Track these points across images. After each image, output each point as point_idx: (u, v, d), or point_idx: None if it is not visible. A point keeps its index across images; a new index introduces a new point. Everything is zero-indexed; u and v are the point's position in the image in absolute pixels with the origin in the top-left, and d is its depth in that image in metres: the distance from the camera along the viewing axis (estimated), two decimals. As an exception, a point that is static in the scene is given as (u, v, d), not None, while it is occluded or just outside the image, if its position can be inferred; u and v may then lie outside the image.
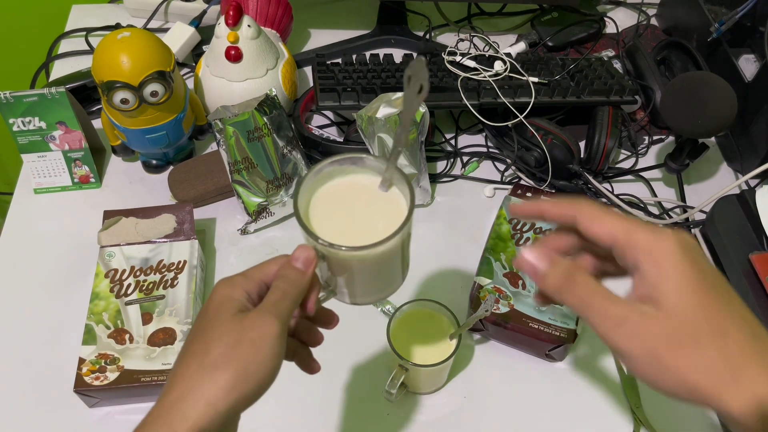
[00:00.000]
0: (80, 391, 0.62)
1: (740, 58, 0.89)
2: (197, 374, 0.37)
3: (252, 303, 0.40)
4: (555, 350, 0.67)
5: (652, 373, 0.35)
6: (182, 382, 0.37)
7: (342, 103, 0.83)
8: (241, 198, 0.78)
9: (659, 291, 0.35)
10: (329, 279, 0.45)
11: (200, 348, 0.38)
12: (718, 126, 0.74)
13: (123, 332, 0.65)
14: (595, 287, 0.37)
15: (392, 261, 0.44)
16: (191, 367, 0.38)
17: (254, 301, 0.41)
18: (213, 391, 0.36)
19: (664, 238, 0.36)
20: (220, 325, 0.38)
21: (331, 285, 0.46)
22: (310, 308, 0.43)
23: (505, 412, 0.66)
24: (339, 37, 1.04)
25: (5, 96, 0.76)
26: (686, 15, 0.99)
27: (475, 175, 0.87)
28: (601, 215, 0.38)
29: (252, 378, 0.37)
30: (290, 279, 0.41)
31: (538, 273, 0.39)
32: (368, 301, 0.48)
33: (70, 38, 1.02)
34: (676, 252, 0.35)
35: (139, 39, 0.73)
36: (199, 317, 0.40)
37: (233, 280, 0.41)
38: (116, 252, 0.71)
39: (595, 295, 0.37)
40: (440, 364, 0.60)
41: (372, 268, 0.43)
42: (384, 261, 0.43)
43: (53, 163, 0.82)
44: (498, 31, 1.08)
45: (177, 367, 0.38)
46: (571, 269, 0.38)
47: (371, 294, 0.48)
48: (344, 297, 0.47)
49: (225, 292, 0.40)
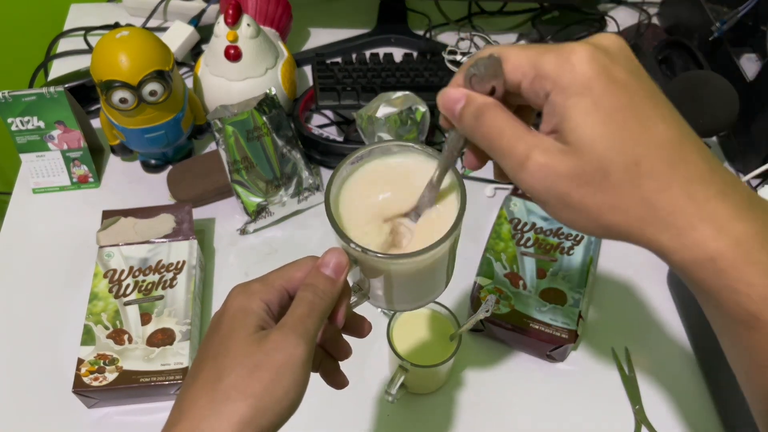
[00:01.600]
0: (79, 392, 0.62)
1: (742, 58, 0.89)
2: (208, 406, 0.32)
3: (272, 316, 0.35)
4: (556, 351, 0.66)
5: (564, 215, 0.31)
6: (191, 413, 0.32)
7: (342, 102, 0.83)
8: (240, 198, 0.77)
9: (565, 121, 0.30)
10: (361, 282, 0.39)
11: (212, 374, 0.33)
12: (719, 125, 0.74)
13: (122, 333, 0.65)
14: (503, 123, 0.31)
15: (437, 268, 0.39)
16: (201, 396, 0.33)
17: (274, 313, 0.35)
18: (225, 427, 0.31)
19: (571, 55, 0.30)
20: (236, 346, 0.33)
21: (363, 288, 0.40)
22: (339, 320, 0.37)
23: (505, 412, 0.66)
24: (339, 36, 1.03)
25: (3, 95, 0.75)
26: (688, 14, 0.99)
27: (475, 175, 0.87)
28: (506, 51, 0.32)
29: (271, 411, 0.32)
30: (319, 289, 0.35)
31: (455, 113, 0.33)
32: (407, 308, 0.44)
33: (68, 37, 1.02)
34: (585, 69, 0.29)
35: (138, 38, 0.73)
36: (210, 333, 0.35)
37: (250, 288, 0.35)
38: (115, 252, 0.71)
39: (502, 133, 0.31)
40: (440, 364, 0.60)
41: (414, 275, 0.38)
42: (428, 268, 0.38)
43: (52, 163, 0.82)
44: (499, 31, 1.07)
45: (185, 395, 0.33)
46: (482, 105, 0.32)
47: (411, 301, 0.42)
48: (380, 302, 0.41)
49: (241, 303, 0.35)
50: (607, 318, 0.72)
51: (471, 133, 0.33)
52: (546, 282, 0.69)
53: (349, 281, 0.39)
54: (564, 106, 0.30)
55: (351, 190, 0.38)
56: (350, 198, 0.38)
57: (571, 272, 0.70)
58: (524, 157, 0.31)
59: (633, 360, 0.69)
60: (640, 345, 0.70)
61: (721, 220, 0.29)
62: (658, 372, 0.68)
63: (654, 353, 0.69)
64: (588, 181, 0.30)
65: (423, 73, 0.86)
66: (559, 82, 0.30)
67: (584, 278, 0.69)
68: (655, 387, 0.67)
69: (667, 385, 0.67)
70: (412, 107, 0.76)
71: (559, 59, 0.30)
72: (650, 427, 0.64)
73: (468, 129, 0.33)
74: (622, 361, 0.69)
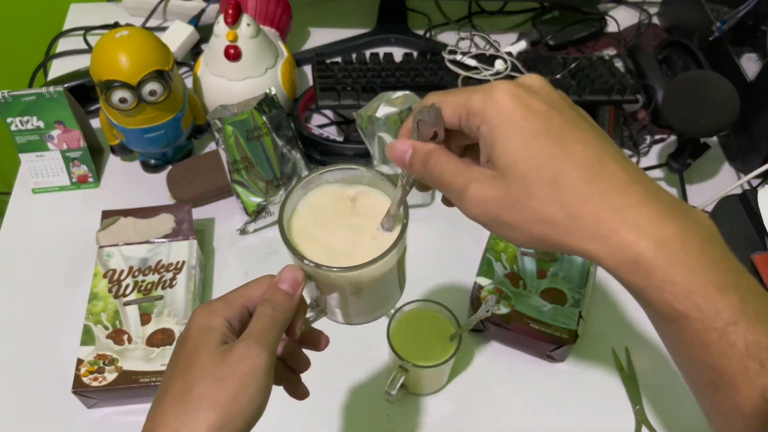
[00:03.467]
0: (79, 392, 0.62)
1: (742, 57, 0.89)
2: (180, 416, 0.34)
3: (234, 332, 0.37)
4: (556, 351, 0.66)
5: (503, 233, 0.35)
6: (164, 424, 0.34)
7: (342, 102, 0.83)
8: (240, 198, 0.77)
9: (494, 150, 0.34)
10: (318, 298, 0.42)
11: (182, 386, 0.35)
12: (719, 125, 0.74)
13: (121, 333, 0.65)
14: (446, 163, 0.36)
15: (387, 279, 0.41)
16: (173, 407, 0.35)
17: (236, 329, 0.38)
18: None
19: (494, 92, 0.34)
20: (203, 359, 0.35)
21: (320, 304, 0.43)
22: (295, 333, 0.40)
23: (506, 413, 0.66)
24: (339, 35, 1.03)
25: (3, 95, 0.75)
26: (688, 14, 0.99)
27: (475, 175, 0.87)
28: (444, 98, 0.36)
29: (239, 417, 0.34)
30: (277, 303, 0.38)
31: (405, 162, 0.37)
32: (364, 320, 0.45)
33: (68, 37, 1.02)
34: (506, 103, 0.33)
35: (138, 38, 0.73)
36: (177, 350, 0.37)
37: (212, 306, 0.38)
38: (115, 252, 0.71)
39: (445, 170, 0.36)
40: (441, 364, 0.60)
41: (365, 287, 0.41)
42: (378, 280, 0.40)
43: (51, 163, 0.82)
44: (499, 30, 1.07)
45: (157, 408, 0.35)
46: (428, 151, 0.37)
47: (366, 313, 0.45)
48: (336, 317, 0.44)
49: (204, 321, 0.37)
50: (607, 318, 0.72)
51: (420, 176, 0.37)
52: (546, 282, 0.69)
53: (307, 299, 0.41)
54: (491, 136, 0.34)
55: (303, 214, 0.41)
56: (304, 220, 0.41)
57: (571, 272, 0.70)
58: (463, 189, 0.35)
59: (633, 360, 0.69)
60: (640, 345, 0.70)
61: (642, 225, 0.31)
62: (658, 372, 0.68)
63: (654, 353, 0.69)
64: (516, 200, 0.33)
65: (423, 73, 0.86)
66: (486, 116, 0.34)
67: (584, 278, 0.69)
68: (655, 387, 0.67)
69: (667, 385, 0.67)
70: (412, 107, 0.76)
71: (484, 96, 0.34)
72: (650, 427, 0.64)
73: (417, 173, 0.37)
74: (622, 361, 0.69)
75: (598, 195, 0.32)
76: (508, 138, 0.33)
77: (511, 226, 0.34)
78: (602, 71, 0.89)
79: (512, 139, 0.33)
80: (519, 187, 0.33)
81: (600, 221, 0.31)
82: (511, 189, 0.33)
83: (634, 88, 0.86)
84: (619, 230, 0.31)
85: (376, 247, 0.38)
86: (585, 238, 0.32)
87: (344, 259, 0.39)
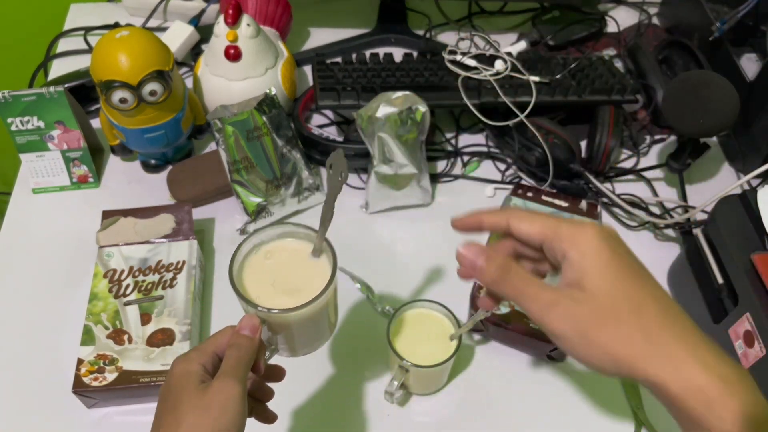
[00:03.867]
0: (79, 392, 0.62)
1: (742, 58, 0.89)
2: None
3: (209, 373, 0.44)
4: (556, 351, 0.66)
5: (582, 350, 0.39)
6: None
7: (342, 102, 0.83)
8: (240, 198, 0.77)
9: (584, 276, 0.39)
10: (270, 339, 0.50)
11: (173, 421, 0.41)
12: (719, 125, 0.74)
13: (122, 333, 0.65)
14: (527, 277, 0.41)
15: (320, 318, 0.50)
16: None
17: (210, 372, 0.44)
18: None
19: (587, 229, 0.40)
20: (187, 397, 0.42)
21: (273, 344, 0.51)
22: (260, 368, 0.47)
23: (506, 413, 0.66)
24: (339, 35, 1.03)
25: (3, 95, 0.75)
26: (688, 14, 0.99)
27: (475, 175, 0.87)
28: (530, 216, 0.43)
29: None
30: (242, 346, 0.45)
31: (476, 267, 0.42)
32: (304, 352, 0.53)
33: (68, 37, 1.02)
34: (596, 240, 0.40)
35: (138, 38, 0.73)
36: (164, 394, 0.44)
37: (188, 356, 0.45)
38: (115, 252, 0.71)
39: (528, 283, 0.41)
40: (441, 364, 0.60)
41: (304, 325, 0.49)
42: (312, 319, 0.49)
43: (51, 163, 0.82)
44: (499, 30, 1.07)
45: None
46: (506, 262, 0.42)
47: (305, 346, 0.53)
48: (285, 352, 0.52)
49: (183, 368, 0.44)
50: (607, 318, 0.72)
51: (494, 283, 0.42)
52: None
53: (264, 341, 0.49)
54: (581, 262, 0.40)
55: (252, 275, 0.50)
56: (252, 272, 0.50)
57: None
58: (553, 302, 0.40)
59: (633, 360, 0.69)
60: (640, 345, 0.70)
61: (707, 362, 0.37)
62: (658, 372, 0.68)
63: (654, 353, 0.69)
64: (605, 321, 0.38)
65: (423, 73, 0.86)
66: (578, 245, 0.40)
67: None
68: (656, 387, 0.67)
69: (667, 385, 0.67)
70: (412, 107, 0.76)
71: (575, 229, 0.41)
72: (650, 427, 0.64)
73: (489, 279, 0.42)
74: (622, 362, 0.69)
75: (672, 330, 0.38)
76: (600, 270, 0.39)
77: (595, 344, 0.38)
78: (602, 71, 0.89)
79: (605, 271, 0.39)
80: (608, 309, 0.38)
81: (672, 352, 0.37)
82: (601, 311, 0.38)
83: (634, 88, 0.86)
84: (689, 362, 0.36)
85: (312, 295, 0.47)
86: (657, 364, 0.37)
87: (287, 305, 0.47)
